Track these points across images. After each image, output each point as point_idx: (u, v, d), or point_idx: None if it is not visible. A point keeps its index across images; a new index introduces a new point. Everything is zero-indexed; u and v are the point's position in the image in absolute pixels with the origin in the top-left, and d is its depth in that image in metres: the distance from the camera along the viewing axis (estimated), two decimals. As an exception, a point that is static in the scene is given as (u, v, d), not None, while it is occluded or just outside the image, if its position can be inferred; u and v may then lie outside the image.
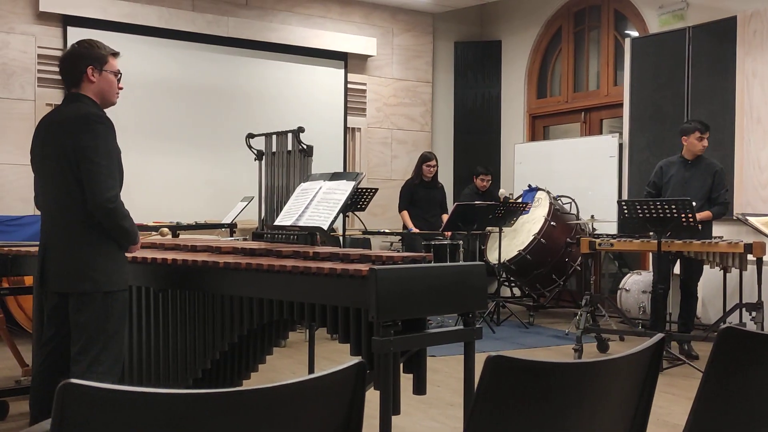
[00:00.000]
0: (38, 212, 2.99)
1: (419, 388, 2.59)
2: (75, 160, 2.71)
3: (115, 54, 2.91)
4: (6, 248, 3.76)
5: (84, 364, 2.72)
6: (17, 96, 6.64)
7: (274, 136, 5.83)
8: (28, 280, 4.33)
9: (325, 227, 3.03)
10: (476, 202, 6.62)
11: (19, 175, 6.52)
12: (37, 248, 2.99)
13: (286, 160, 5.72)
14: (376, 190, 6.64)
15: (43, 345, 2.95)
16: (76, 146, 2.70)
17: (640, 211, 4.84)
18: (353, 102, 8.32)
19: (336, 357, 5.19)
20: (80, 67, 2.81)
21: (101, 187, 2.68)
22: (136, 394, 1.00)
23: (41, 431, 1.22)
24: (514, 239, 7.18)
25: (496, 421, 1.21)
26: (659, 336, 1.43)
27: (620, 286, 6.58)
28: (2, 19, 6.58)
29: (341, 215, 6.73)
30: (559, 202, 7.36)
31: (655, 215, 4.80)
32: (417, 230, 6.80)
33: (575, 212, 7.38)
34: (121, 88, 2.93)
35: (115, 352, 2.80)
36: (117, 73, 2.89)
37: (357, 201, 6.48)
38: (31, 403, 3.00)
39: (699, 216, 5.09)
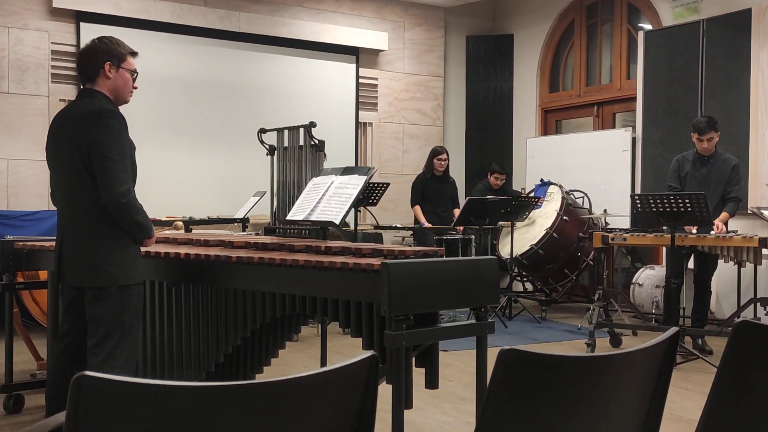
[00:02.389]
0: (54, 207, 3.01)
1: (431, 382, 2.59)
2: (88, 156, 2.73)
3: (134, 53, 2.94)
4: (21, 243, 3.79)
5: (99, 357, 2.75)
6: (31, 92, 6.68)
7: (285, 131, 5.84)
8: (43, 275, 4.36)
9: (337, 222, 3.03)
10: (488, 197, 6.60)
11: (34, 170, 6.57)
12: (51, 243, 3.01)
13: (297, 155, 5.73)
14: (388, 184, 6.63)
15: (60, 338, 2.98)
16: (88, 141, 2.72)
17: (653, 205, 4.81)
18: (365, 97, 8.31)
19: (348, 351, 5.20)
20: (98, 62, 2.83)
21: (114, 182, 2.70)
22: (150, 386, 1.01)
23: (56, 423, 1.23)
24: (527, 234, 7.16)
25: (509, 415, 1.21)
26: (673, 330, 1.42)
27: (633, 280, 6.55)
28: (16, 16, 6.62)
29: (353, 210, 6.73)
30: (571, 196, 7.33)
31: (668, 209, 4.77)
32: (429, 225, 6.78)
33: (588, 207, 7.35)
34: (135, 88, 2.94)
35: (130, 345, 2.82)
36: (134, 72, 2.91)
37: (368, 196, 6.48)
38: (47, 395, 3.02)
39: (720, 219, 5.06)
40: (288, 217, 3.33)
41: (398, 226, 7.18)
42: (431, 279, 2.38)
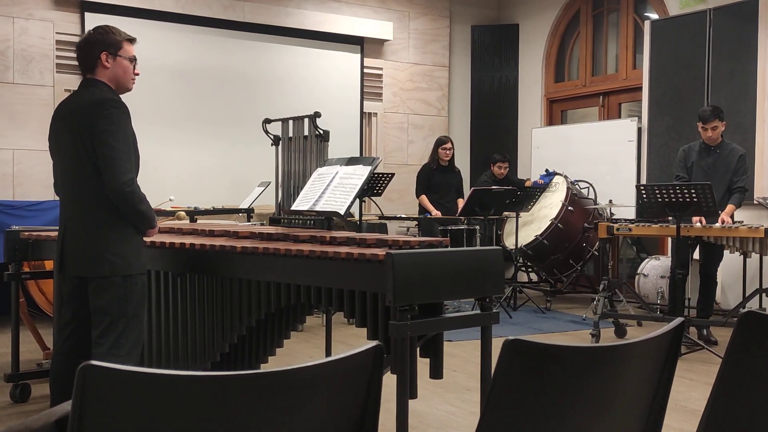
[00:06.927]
0: (58, 198, 3.01)
1: (436, 372, 2.60)
2: (91, 145, 2.72)
3: (131, 40, 2.90)
4: (26, 233, 3.80)
5: (104, 347, 2.75)
6: (36, 82, 6.68)
7: (290, 122, 5.83)
8: (49, 265, 4.37)
9: (342, 212, 3.03)
10: (493, 187, 6.59)
11: (39, 160, 6.58)
12: (56, 233, 3.01)
13: (302, 145, 5.72)
14: (393, 175, 6.63)
15: (62, 328, 2.98)
16: (91, 131, 2.72)
17: (659, 195, 4.80)
18: (369, 87, 8.29)
19: (353, 341, 5.21)
20: (94, 53, 2.82)
21: (117, 171, 2.69)
22: (156, 376, 1.01)
23: (62, 412, 1.23)
24: (532, 224, 7.16)
25: (513, 405, 1.21)
26: (678, 320, 1.41)
27: (638, 271, 6.54)
28: (21, 6, 6.62)
29: (357, 200, 6.72)
30: (576, 186, 7.31)
31: (674, 200, 4.75)
32: (438, 214, 6.74)
33: (593, 197, 7.33)
34: (137, 74, 2.92)
35: (134, 335, 2.82)
36: (132, 59, 2.89)
37: (373, 186, 6.47)
38: (51, 385, 3.03)
39: (726, 213, 5.03)
40: (293, 208, 3.33)
41: (403, 216, 7.17)
42: (436, 269, 2.38)
